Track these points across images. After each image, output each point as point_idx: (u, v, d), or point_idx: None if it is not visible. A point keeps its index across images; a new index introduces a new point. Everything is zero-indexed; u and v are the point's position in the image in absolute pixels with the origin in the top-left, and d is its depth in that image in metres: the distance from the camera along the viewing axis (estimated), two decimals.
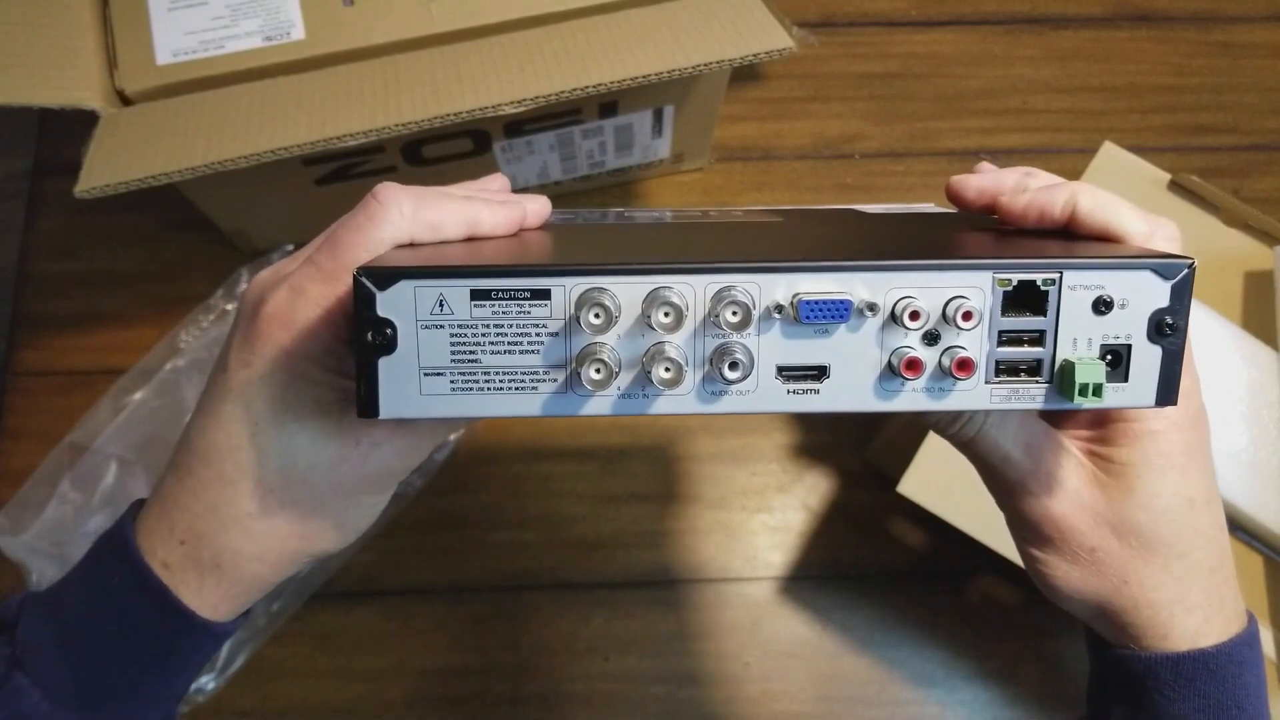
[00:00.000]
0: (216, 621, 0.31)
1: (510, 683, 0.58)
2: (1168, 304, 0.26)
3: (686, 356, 0.26)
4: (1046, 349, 0.26)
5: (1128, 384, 0.27)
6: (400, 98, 0.51)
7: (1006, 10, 0.77)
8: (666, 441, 0.64)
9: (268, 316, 0.28)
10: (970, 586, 0.61)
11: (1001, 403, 0.27)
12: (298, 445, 0.29)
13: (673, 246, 0.34)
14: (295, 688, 0.58)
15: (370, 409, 0.26)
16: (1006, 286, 0.26)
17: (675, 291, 0.25)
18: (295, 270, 0.29)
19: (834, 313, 0.26)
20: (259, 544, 0.30)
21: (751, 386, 0.27)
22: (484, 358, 0.26)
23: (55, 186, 0.70)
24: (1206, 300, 0.56)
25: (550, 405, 0.26)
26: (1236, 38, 0.77)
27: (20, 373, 0.65)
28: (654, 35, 0.53)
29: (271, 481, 0.29)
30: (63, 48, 0.54)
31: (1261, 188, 0.71)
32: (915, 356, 0.26)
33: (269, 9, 0.55)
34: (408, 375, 0.26)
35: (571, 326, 0.26)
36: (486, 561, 0.61)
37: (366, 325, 0.25)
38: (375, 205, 0.28)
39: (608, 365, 0.26)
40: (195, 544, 0.30)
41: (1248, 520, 0.51)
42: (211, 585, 0.30)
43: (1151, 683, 0.30)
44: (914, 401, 0.27)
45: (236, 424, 0.29)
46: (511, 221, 0.32)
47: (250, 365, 0.28)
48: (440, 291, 0.25)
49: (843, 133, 0.73)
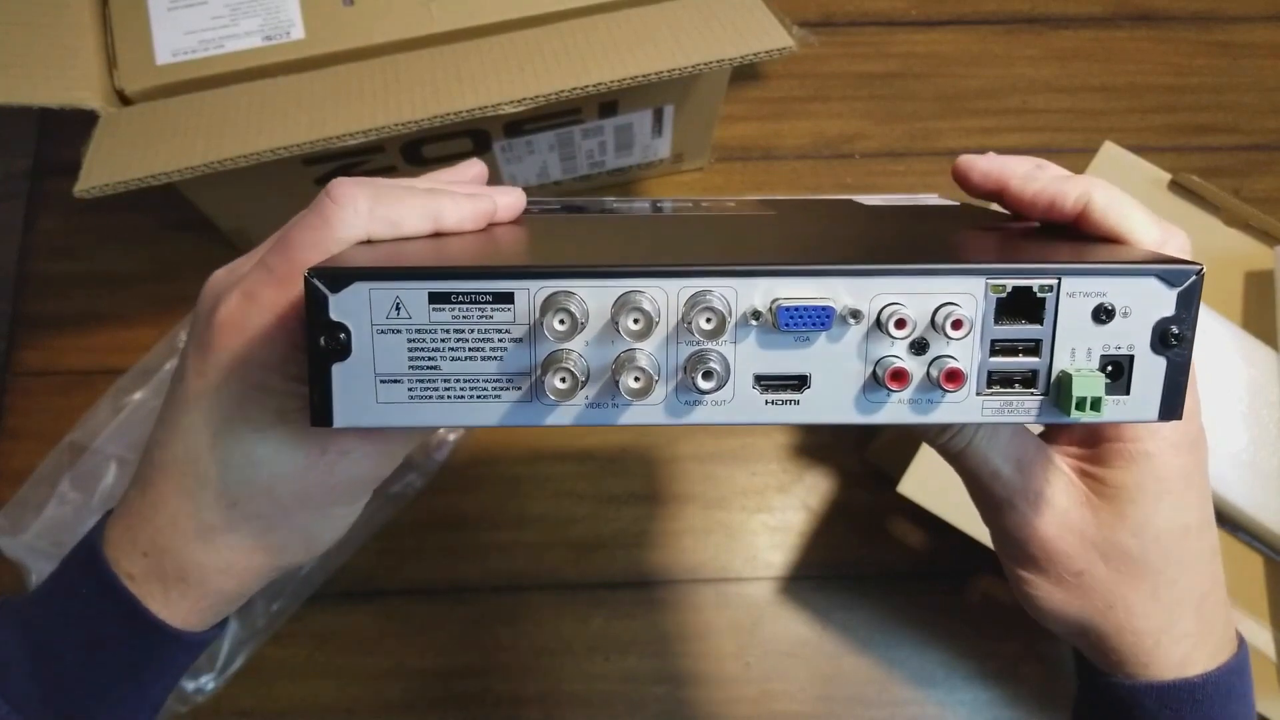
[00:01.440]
0: (188, 631, 0.30)
1: (510, 683, 0.58)
2: (1174, 313, 0.24)
3: (658, 365, 0.25)
4: (1042, 359, 0.25)
5: (1129, 397, 0.25)
6: (400, 97, 0.51)
7: (1007, 10, 0.77)
8: (666, 441, 0.64)
9: (220, 324, 0.27)
10: (970, 586, 0.61)
11: (993, 416, 0.25)
12: (259, 457, 0.28)
13: (649, 245, 0.32)
14: (295, 688, 0.58)
15: (324, 417, 0.24)
16: (1000, 293, 0.24)
17: (646, 296, 0.24)
18: (247, 274, 0.27)
19: (815, 320, 0.24)
20: (224, 557, 0.29)
21: (727, 396, 0.25)
22: (443, 364, 0.25)
23: (55, 186, 0.70)
24: (1207, 300, 0.55)
25: (513, 415, 0.25)
26: (1237, 37, 0.77)
27: (20, 373, 0.65)
28: (654, 35, 0.52)
29: (234, 494, 0.28)
30: (62, 47, 0.54)
31: (1262, 188, 0.71)
32: (901, 367, 0.24)
33: (268, 9, 0.55)
34: (363, 382, 0.24)
35: (536, 332, 0.24)
36: (486, 561, 0.61)
37: (319, 329, 0.24)
38: (329, 203, 0.27)
39: (573, 374, 0.24)
40: (159, 557, 0.29)
41: (1248, 520, 0.51)
42: (178, 597, 0.29)
43: (1136, 711, 0.29)
44: (899, 414, 0.25)
45: (195, 435, 0.28)
46: (479, 215, 0.30)
47: (205, 375, 0.27)
48: (396, 294, 0.24)
49: (843, 132, 0.73)
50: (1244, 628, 0.50)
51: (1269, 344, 0.55)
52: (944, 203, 0.44)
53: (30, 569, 0.57)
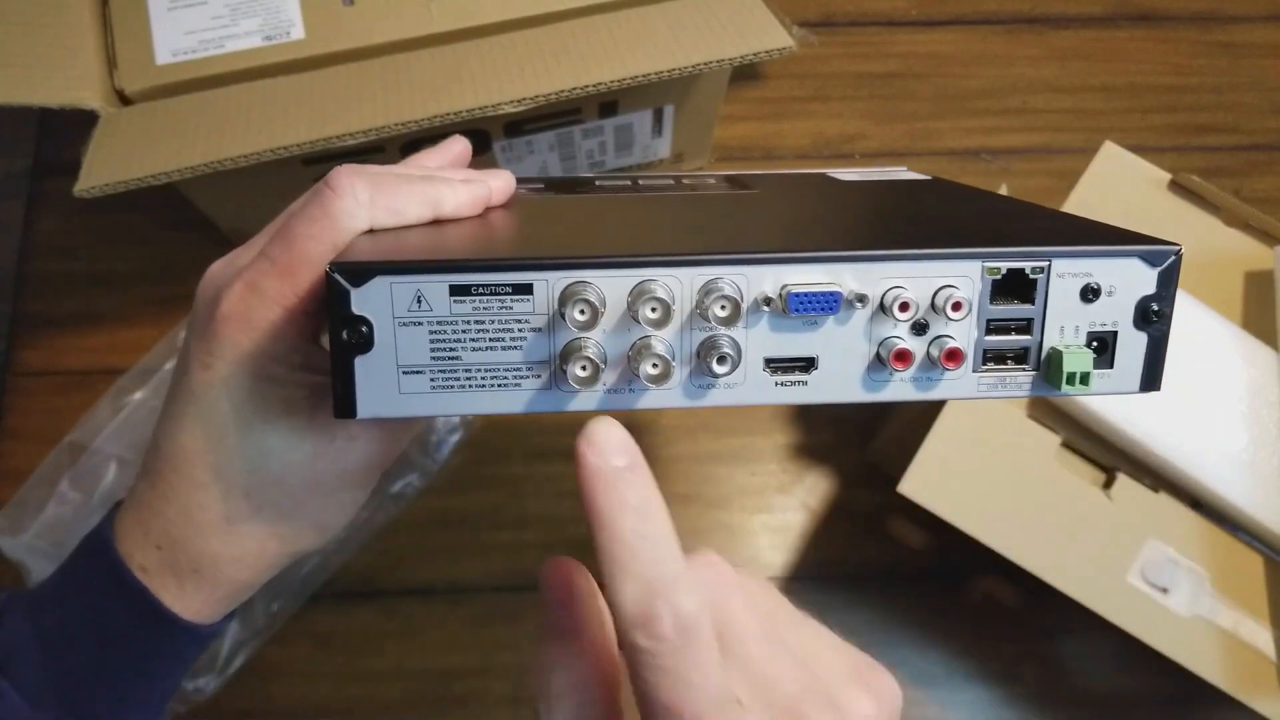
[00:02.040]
0: (200, 624, 0.30)
1: (510, 683, 0.58)
2: (1154, 290, 0.26)
3: (674, 351, 0.25)
4: (1034, 337, 0.26)
5: (1113, 371, 0.26)
6: (400, 97, 0.51)
7: (1007, 10, 0.77)
8: (666, 441, 0.64)
9: (224, 317, 0.27)
10: (970, 586, 0.61)
11: (988, 391, 0.27)
12: (268, 447, 0.28)
13: (658, 230, 0.33)
14: (295, 688, 0.58)
15: (348, 409, 0.25)
16: (996, 275, 0.26)
17: (661, 285, 0.25)
18: (249, 265, 0.27)
19: (823, 305, 0.25)
20: (237, 547, 0.29)
21: (739, 379, 0.26)
22: (465, 355, 0.25)
23: (55, 186, 0.70)
24: (1207, 300, 0.56)
25: (535, 402, 0.26)
26: (1237, 37, 0.77)
27: (20, 373, 0.65)
28: (654, 35, 0.52)
29: (244, 485, 0.28)
30: (62, 47, 0.54)
31: (1262, 187, 0.71)
32: (904, 348, 0.26)
33: (268, 8, 0.55)
34: (386, 374, 0.25)
35: (555, 322, 0.25)
36: (486, 561, 0.61)
37: (341, 323, 0.24)
38: (329, 193, 0.27)
39: (594, 363, 0.25)
40: (171, 549, 0.29)
41: (1248, 520, 0.51)
42: (192, 589, 0.29)
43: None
44: (902, 391, 0.27)
45: (202, 428, 0.28)
46: (476, 201, 0.30)
47: (211, 368, 0.27)
48: (418, 288, 0.24)
49: (843, 132, 0.73)
50: (1244, 628, 0.50)
51: (1269, 344, 0.55)
52: (915, 177, 0.45)
53: (30, 569, 0.57)
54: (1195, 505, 0.52)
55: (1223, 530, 0.52)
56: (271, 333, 0.27)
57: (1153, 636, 0.48)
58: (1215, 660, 0.49)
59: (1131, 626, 0.48)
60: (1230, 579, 0.51)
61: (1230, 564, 0.51)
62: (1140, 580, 0.50)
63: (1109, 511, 0.51)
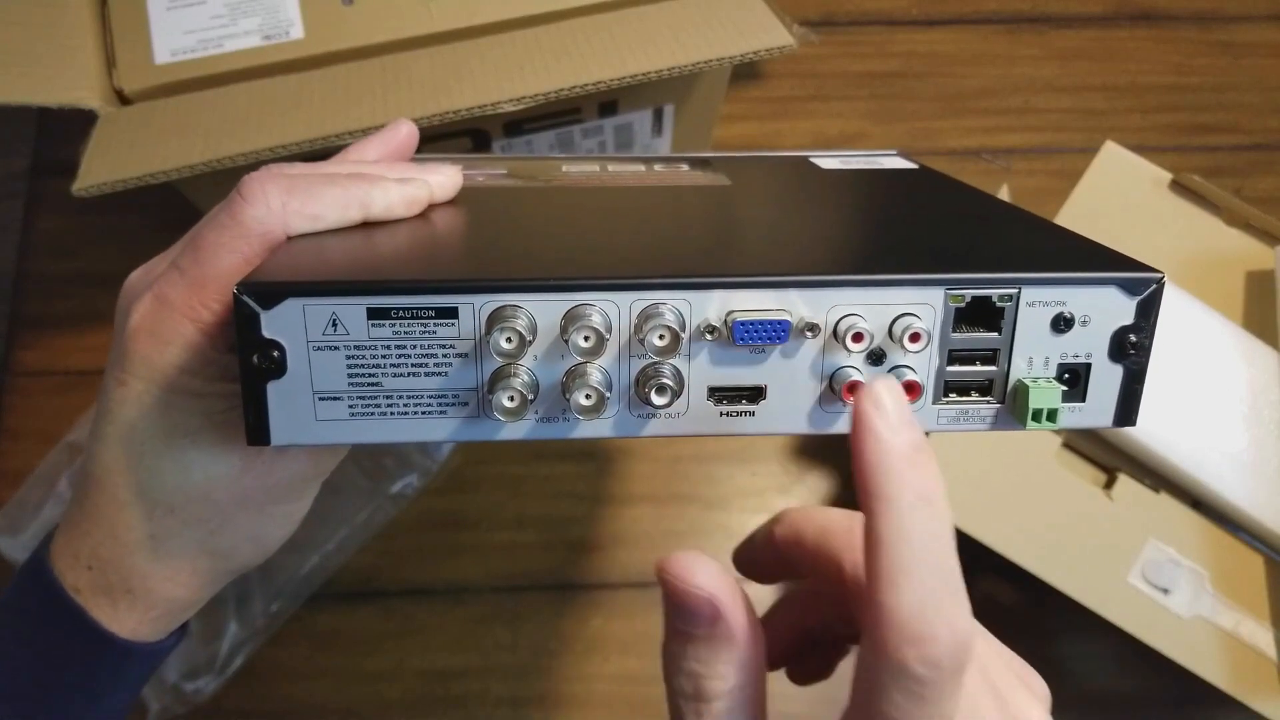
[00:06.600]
0: (140, 642, 0.29)
1: (510, 683, 0.58)
2: (1133, 321, 0.24)
3: (609, 380, 0.24)
4: (999, 367, 0.24)
5: (1084, 405, 0.25)
6: (399, 97, 0.51)
7: (1008, 9, 0.77)
8: (666, 441, 0.64)
9: (133, 331, 0.26)
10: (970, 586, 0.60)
11: (949, 425, 0.25)
12: (191, 461, 0.27)
13: (600, 239, 0.30)
14: (295, 688, 0.58)
15: (260, 436, 0.23)
16: (959, 303, 0.24)
17: (597, 309, 0.23)
18: (160, 276, 0.26)
19: (771, 334, 0.23)
20: (167, 566, 0.28)
21: (681, 409, 0.24)
22: (385, 381, 0.23)
23: (54, 186, 0.70)
24: (1207, 300, 0.55)
25: (461, 431, 0.24)
26: (1238, 37, 0.77)
27: (19, 373, 0.65)
28: (654, 34, 0.52)
29: (169, 501, 0.27)
30: (61, 47, 0.54)
31: (1263, 187, 0.71)
32: (857, 380, 0.24)
33: (268, 8, 0.55)
34: (301, 400, 0.23)
35: (482, 349, 0.23)
36: (486, 561, 0.61)
37: (251, 347, 0.23)
38: (239, 200, 0.25)
39: (521, 394, 0.23)
40: (101, 569, 0.28)
41: (1248, 520, 0.51)
42: (125, 609, 0.28)
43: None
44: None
45: (122, 446, 0.27)
46: (412, 202, 0.28)
47: (125, 384, 0.26)
48: (333, 310, 0.23)
49: (843, 132, 0.73)
50: (1244, 628, 0.50)
51: (1269, 344, 0.55)
52: (904, 165, 0.43)
53: None
54: (1196, 505, 0.52)
55: (1223, 530, 0.52)
56: (183, 346, 0.25)
57: (1153, 637, 0.48)
58: (1216, 660, 0.48)
59: (1132, 627, 0.48)
60: (1231, 579, 0.50)
61: (1231, 564, 0.51)
62: (1141, 580, 0.50)
63: (1110, 512, 0.51)
